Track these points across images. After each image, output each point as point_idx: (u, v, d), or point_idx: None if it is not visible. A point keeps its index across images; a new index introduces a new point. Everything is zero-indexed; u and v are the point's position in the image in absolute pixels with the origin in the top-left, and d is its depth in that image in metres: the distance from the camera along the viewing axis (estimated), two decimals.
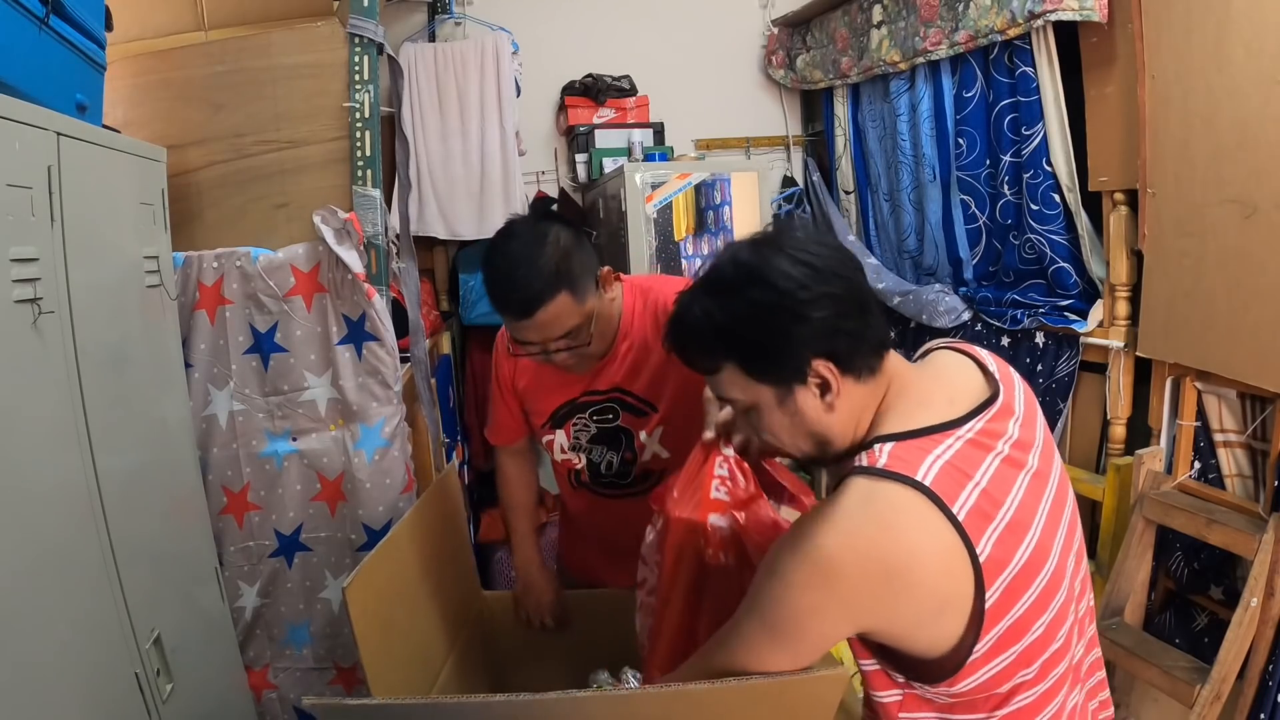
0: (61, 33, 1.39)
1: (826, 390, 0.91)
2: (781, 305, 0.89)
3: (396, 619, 1.35)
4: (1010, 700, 0.92)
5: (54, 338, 1.24)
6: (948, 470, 0.86)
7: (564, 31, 3.30)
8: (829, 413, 0.93)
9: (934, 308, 2.73)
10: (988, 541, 0.85)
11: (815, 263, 0.90)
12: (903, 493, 0.84)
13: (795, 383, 0.92)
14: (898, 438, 0.89)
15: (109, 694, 1.30)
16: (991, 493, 0.88)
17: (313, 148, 2.02)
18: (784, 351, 0.90)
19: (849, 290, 0.91)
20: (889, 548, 0.83)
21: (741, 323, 0.91)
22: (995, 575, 0.86)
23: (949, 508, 0.84)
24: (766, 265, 0.91)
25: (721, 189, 2.81)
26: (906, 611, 0.86)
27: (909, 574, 0.84)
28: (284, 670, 2.11)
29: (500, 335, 1.61)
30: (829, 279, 0.90)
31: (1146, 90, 1.98)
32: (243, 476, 2.01)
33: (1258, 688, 1.68)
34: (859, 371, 0.92)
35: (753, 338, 0.91)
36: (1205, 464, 1.97)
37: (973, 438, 0.90)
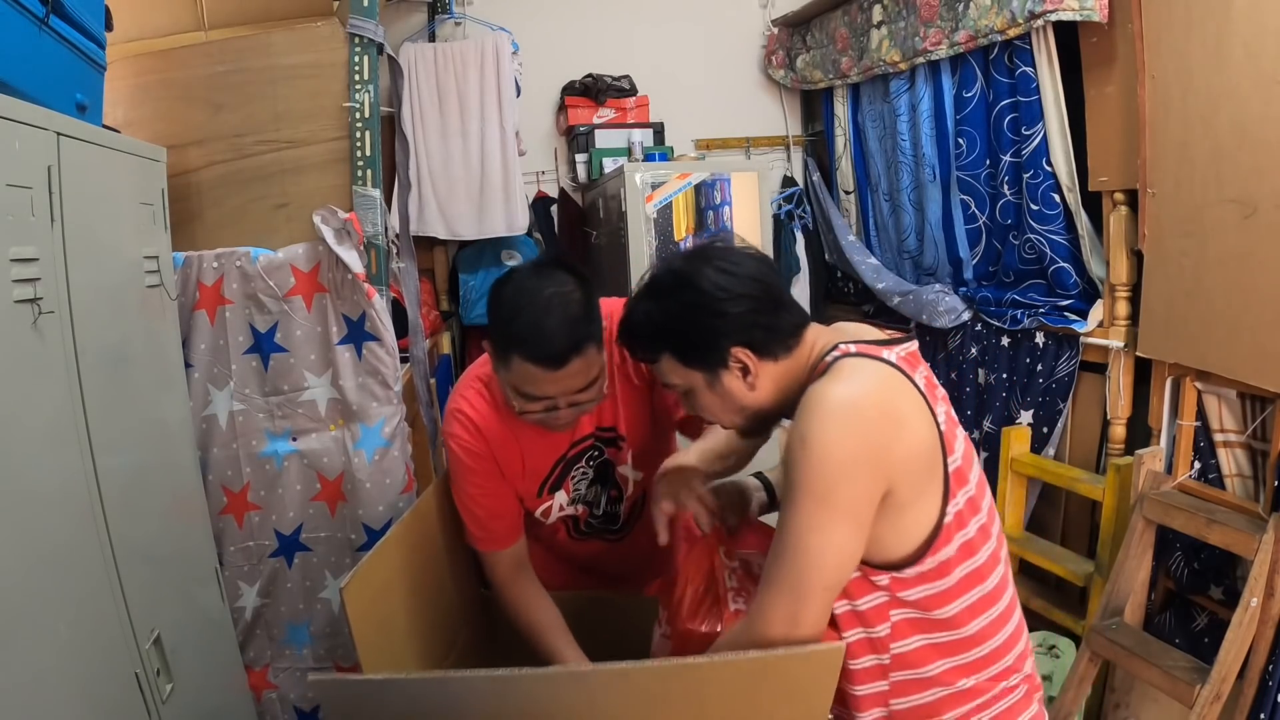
0: (61, 33, 1.39)
1: (747, 373, 1.10)
2: (705, 305, 1.09)
3: (395, 619, 1.35)
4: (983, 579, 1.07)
5: (54, 338, 1.24)
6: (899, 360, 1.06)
7: (564, 31, 3.30)
8: (752, 391, 1.12)
9: (934, 308, 2.73)
10: (940, 414, 1.05)
11: (735, 270, 1.11)
12: (878, 364, 1.04)
13: (719, 368, 1.11)
14: (847, 344, 1.08)
15: (109, 694, 1.30)
16: (928, 388, 1.07)
17: (313, 148, 2.02)
18: (708, 343, 1.10)
19: (764, 290, 1.11)
20: (891, 395, 1.02)
21: (674, 320, 1.12)
22: (951, 443, 1.05)
23: (911, 376, 1.04)
24: (696, 273, 1.11)
25: (721, 189, 2.81)
26: (910, 463, 1.01)
27: (908, 421, 1.01)
28: (284, 670, 2.11)
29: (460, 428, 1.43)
30: (746, 283, 1.10)
31: (1146, 90, 1.98)
32: (243, 476, 2.01)
33: (1258, 688, 1.68)
34: (775, 353, 1.11)
35: (683, 332, 1.12)
36: (1205, 464, 1.97)
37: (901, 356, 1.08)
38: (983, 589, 1.07)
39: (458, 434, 1.43)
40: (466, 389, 1.46)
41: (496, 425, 1.42)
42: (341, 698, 1.02)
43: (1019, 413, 2.45)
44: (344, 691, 1.02)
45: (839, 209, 3.33)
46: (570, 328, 1.25)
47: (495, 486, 1.45)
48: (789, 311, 1.12)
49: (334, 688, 1.02)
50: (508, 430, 1.42)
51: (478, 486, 1.44)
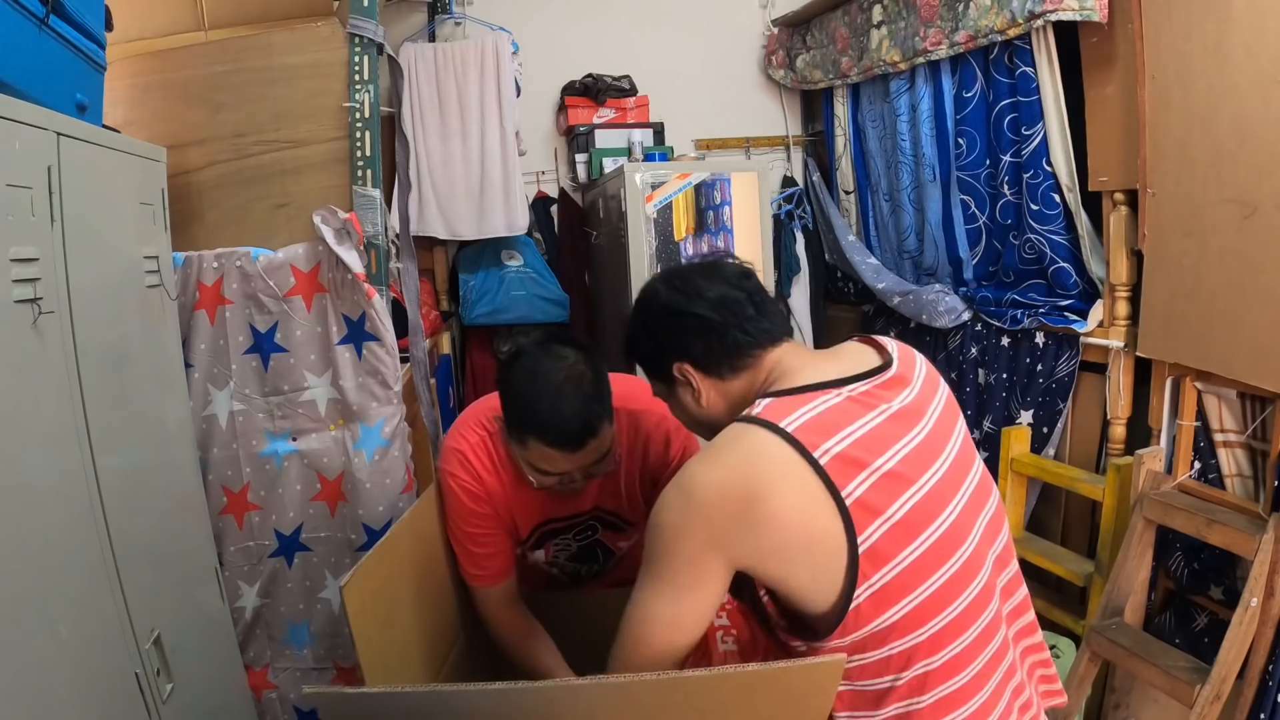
0: (61, 33, 1.39)
1: (691, 388, 1.13)
2: (653, 322, 1.16)
3: (395, 619, 1.35)
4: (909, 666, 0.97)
5: (54, 338, 1.24)
6: (817, 421, 0.98)
7: (564, 31, 3.30)
8: (701, 404, 1.14)
9: (934, 308, 2.73)
10: (858, 486, 0.95)
11: (687, 289, 1.13)
12: (767, 435, 0.97)
13: (670, 382, 1.16)
14: (775, 395, 1.04)
15: (109, 694, 1.30)
16: (867, 443, 0.97)
17: (313, 148, 2.02)
18: (655, 358, 1.16)
19: (716, 308, 1.11)
20: (747, 476, 0.95)
21: (633, 335, 1.20)
22: (869, 520, 0.94)
23: (810, 453, 0.95)
24: (654, 291, 1.17)
25: (721, 189, 2.81)
26: (770, 543, 0.95)
27: (766, 503, 0.93)
28: (284, 670, 2.11)
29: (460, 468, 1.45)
30: (697, 302, 1.11)
31: (1146, 90, 1.98)
32: (243, 476, 2.01)
33: (1258, 688, 1.68)
34: (722, 372, 1.11)
35: (638, 347, 1.19)
36: (1205, 464, 1.97)
37: (856, 396, 1.02)
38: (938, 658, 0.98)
39: (458, 474, 1.45)
40: (468, 430, 1.48)
41: (494, 473, 1.46)
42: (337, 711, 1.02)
43: (1019, 413, 2.45)
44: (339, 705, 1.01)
45: (839, 209, 3.33)
46: (585, 410, 1.29)
47: (491, 527, 1.48)
48: (742, 330, 1.11)
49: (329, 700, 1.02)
50: (503, 480, 1.46)
51: (475, 526, 1.47)
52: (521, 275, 3.06)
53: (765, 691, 0.97)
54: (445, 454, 1.49)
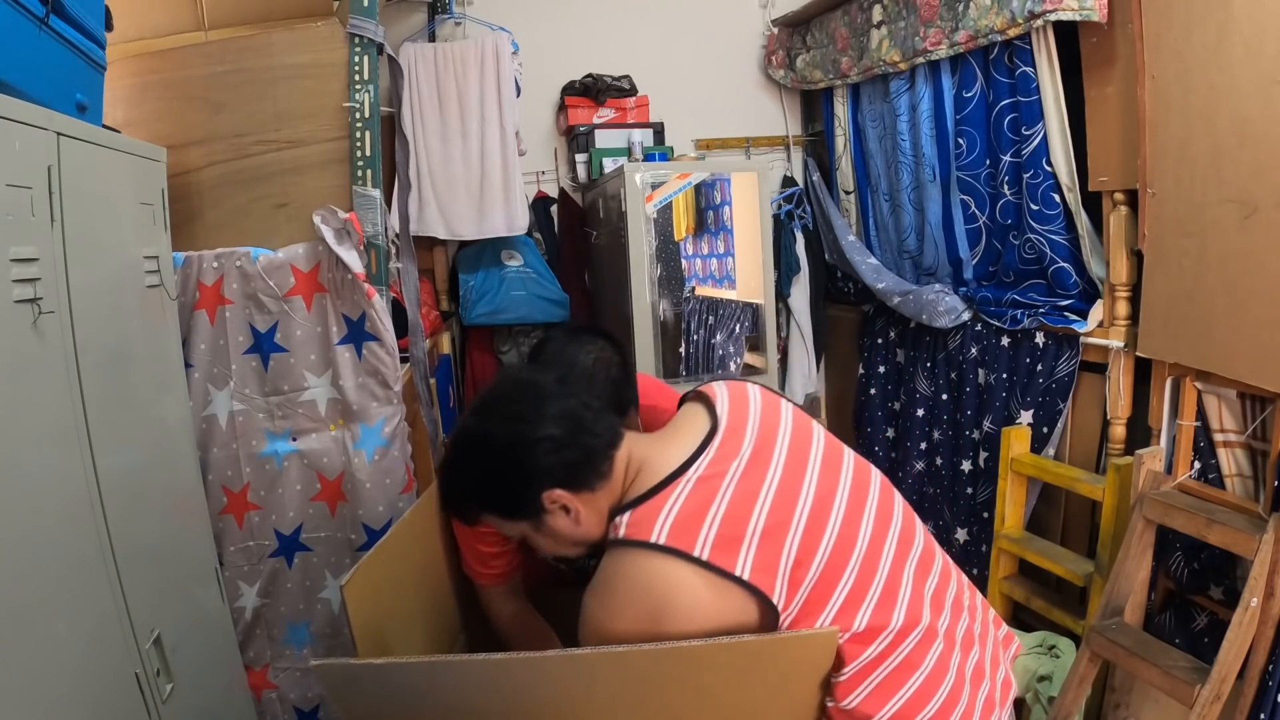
0: (61, 33, 1.39)
1: (568, 511, 1.09)
2: (503, 463, 1.09)
3: (396, 618, 1.35)
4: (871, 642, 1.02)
5: (54, 338, 1.24)
6: (680, 520, 1.00)
7: (564, 31, 3.29)
8: (579, 525, 1.10)
9: (934, 308, 2.73)
10: (745, 560, 0.98)
11: (527, 413, 1.09)
12: (644, 556, 0.99)
13: (537, 515, 1.10)
14: (634, 504, 1.04)
15: (109, 694, 1.30)
16: (732, 518, 1.00)
17: (313, 148, 2.02)
18: (520, 497, 1.10)
19: (561, 423, 1.08)
20: (648, 607, 0.98)
21: (479, 486, 1.12)
22: (770, 580, 0.99)
23: (689, 554, 0.97)
24: (485, 432, 1.11)
25: (721, 189, 2.81)
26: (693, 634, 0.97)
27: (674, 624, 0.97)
28: (284, 670, 2.11)
29: None
30: (540, 423, 1.08)
31: (1146, 90, 1.98)
32: (243, 476, 2.01)
33: (1258, 688, 1.68)
34: (591, 484, 1.09)
35: (492, 493, 1.11)
36: (1205, 464, 1.97)
37: (701, 475, 1.04)
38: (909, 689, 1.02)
39: None
40: None
41: None
42: (342, 682, 1.04)
43: (1019, 413, 2.45)
44: (345, 675, 1.03)
45: (839, 209, 3.33)
46: (616, 393, 1.30)
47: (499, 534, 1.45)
48: (593, 436, 1.10)
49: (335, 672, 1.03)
50: None
51: (474, 530, 1.45)
52: (521, 275, 3.06)
53: (762, 662, 0.99)
54: None
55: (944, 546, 3.08)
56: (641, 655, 0.97)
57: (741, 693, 1.01)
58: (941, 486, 2.82)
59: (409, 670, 1.03)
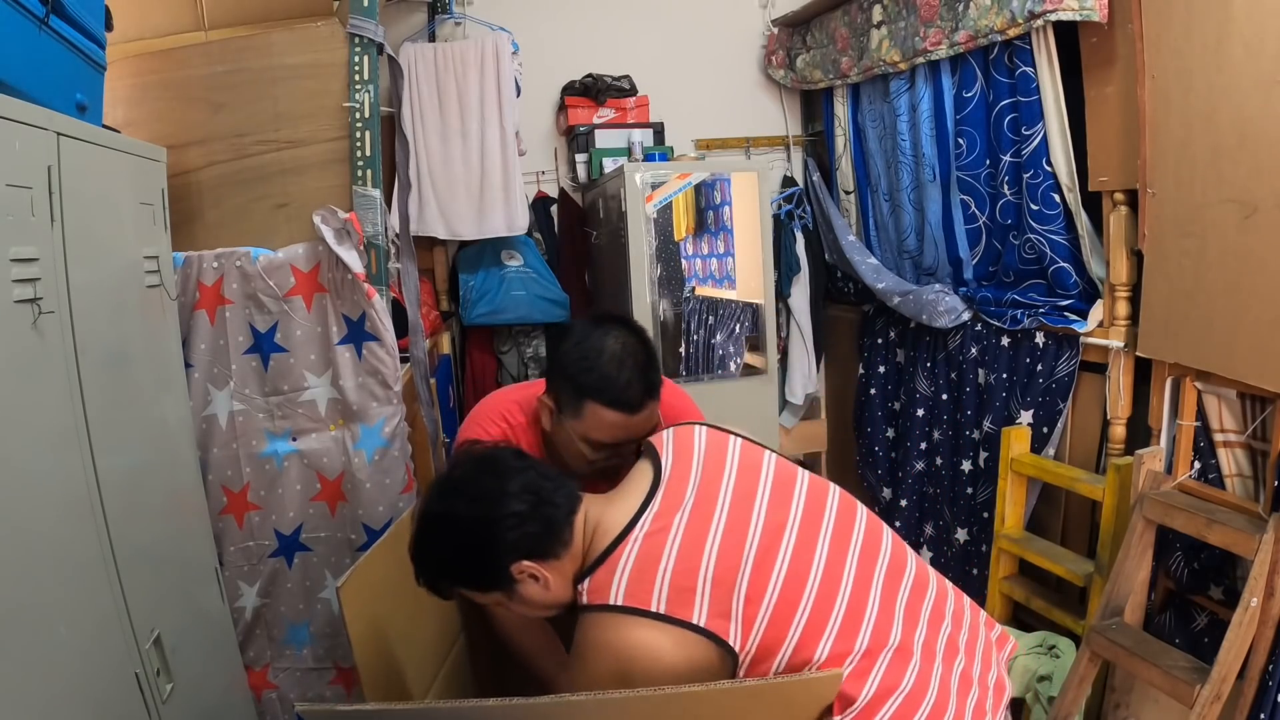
0: (61, 33, 1.39)
1: (537, 579, 1.12)
2: (471, 541, 1.11)
3: (393, 619, 1.35)
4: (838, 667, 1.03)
5: (54, 338, 1.24)
6: (634, 578, 1.05)
7: (564, 31, 3.29)
8: (548, 590, 1.13)
9: (934, 308, 2.73)
10: (701, 608, 1.03)
11: (485, 494, 1.12)
12: (608, 620, 1.05)
13: (509, 586, 1.13)
14: (591, 570, 1.10)
15: (109, 694, 1.30)
16: (681, 569, 1.05)
17: (313, 148, 2.02)
18: (490, 571, 1.12)
19: (523, 498, 1.11)
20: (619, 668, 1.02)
21: (450, 565, 1.15)
22: (725, 624, 1.03)
23: (647, 610, 1.03)
24: (448, 513, 1.14)
25: (721, 189, 2.81)
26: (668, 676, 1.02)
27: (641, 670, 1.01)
28: (284, 670, 2.11)
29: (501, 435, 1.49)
30: (503, 500, 1.11)
31: (1146, 90, 1.98)
32: (243, 476, 2.01)
33: (1258, 688, 1.68)
34: (556, 552, 1.12)
35: (460, 572, 1.15)
36: (1205, 464, 1.97)
37: (648, 531, 1.09)
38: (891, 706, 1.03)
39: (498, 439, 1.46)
40: (489, 424, 1.50)
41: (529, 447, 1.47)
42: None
43: (1019, 413, 2.45)
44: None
45: (839, 209, 3.33)
46: (643, 375, 1.32)
47: None
48: (553, 504, 1.13)
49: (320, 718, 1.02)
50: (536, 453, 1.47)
51: None
52: (521, 275, 3.06)
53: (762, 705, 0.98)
54: (483, 417, 1.51)
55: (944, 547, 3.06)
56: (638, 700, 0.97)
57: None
58: (941, 487, 2.82)
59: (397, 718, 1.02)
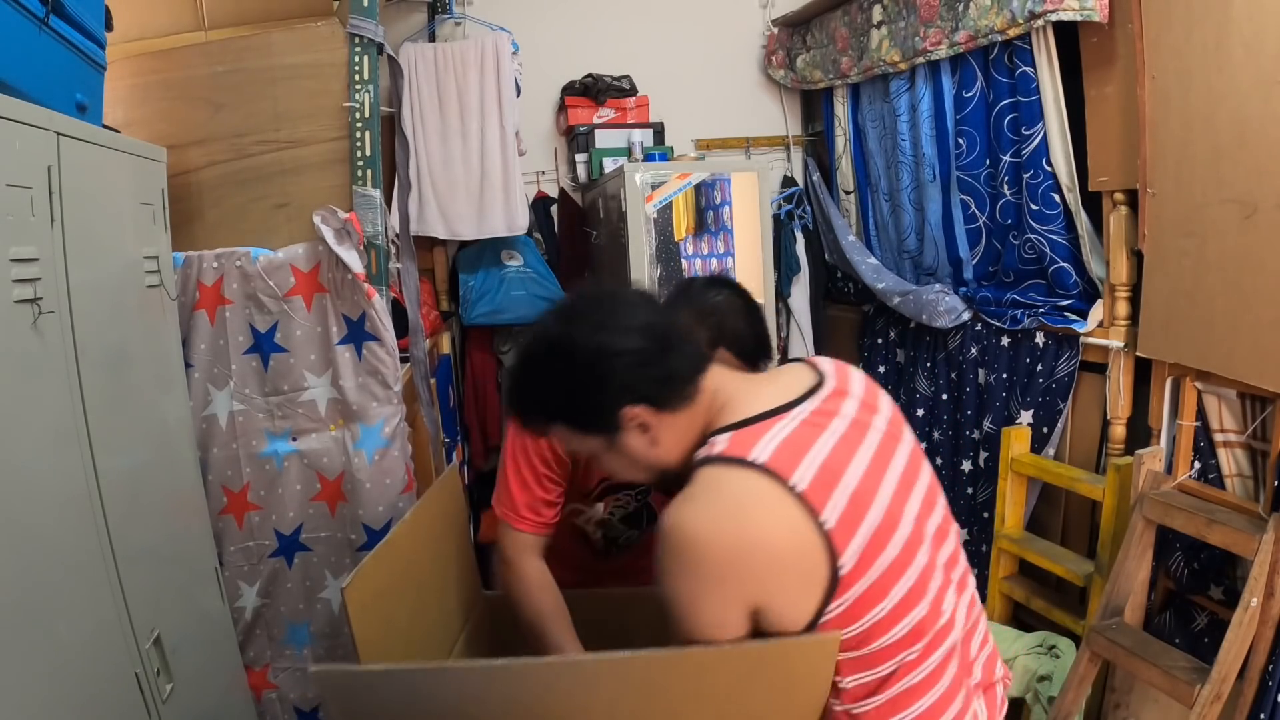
0: (61, 33, 1.39)
1: (646, 429, 1.03)
2: (584, 369, 1.01)
3: (396, 620, 1.35)
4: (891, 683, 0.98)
5: (54, 338, 1.24)
6: (783, 448, 0.95)
7: (564, 31, 3.30)
8: (655, 446, 1.04)
9: (934, 308, 2.73)
10: (833, 510, 0.93)
11: (611, 322, 1.02)
12: (744, 475, 0.93)
13: (612, 432, 1.03)
14: (732, 428, 0.99)
15: (109, 694, 1.30)
16: (831, 465, 0.95)
17: (313, 148, 2.02)
18: (596, 410, 1.02)
19: (648, 337, 1.02)
20: (742, 524, 0.92)
21: (554, 393, 1.04)
22: (845, 541, 0.93)
23: (786, 481, 0.92)
24: (567, 337, 1.03)
25: (721, 189, 2.81)
26: (772, 584, 0.93)
27: (764, 548, 0.92)
28: (284, 670, 2.11)
29: None
30: (625, 334, 1.01)
31: (1146, 90, 1.98)
32: (243, 476, 2.01)
33: (1258, 688, 1.68)
34: (673, 405, 1.03)
35: (567, 403, 1.04)
36: (1205, 464, 1.97)
37: (806, 418, 1.00)
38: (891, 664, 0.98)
39: None
40: None
41: None
42: (341, 688, 1.03)
43: (1019, 413, 2.45)
44: (344, 682, 1.03)
45: (839, 209, 3.33)
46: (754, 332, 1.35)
47: (559, 474, 1.44)
48: (681, 356, 1.04)
49: (334, 678, 1.03)
50: None
51: (547, 468, 1.42)
52: (521, 275, 3.06)
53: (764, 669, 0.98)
54: None
55: None
56: (642, 660, 0.97)
57: (744, 700, 1.00)
58: (941, 486, 2.82)
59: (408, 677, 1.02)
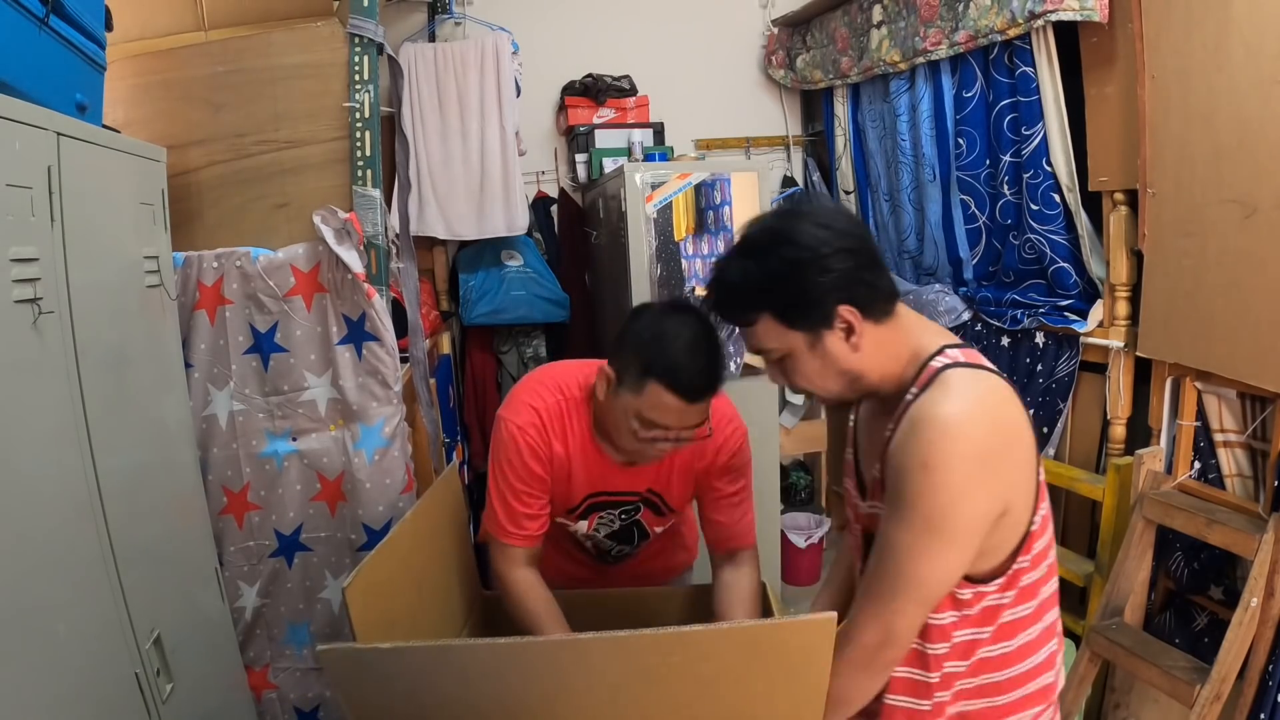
0: (61, 33, 1.39)
1: (851, 333, 1.03)
2: (808, 260, 1.01)
3: (397, 620, 1.35)
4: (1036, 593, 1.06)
5: (54, 338, 1.24)
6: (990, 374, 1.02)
7: (564, 31, 3.30)
8: (855, 352, 1.04)
9: (934, 308, 2.73)
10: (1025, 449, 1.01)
11: (834, 224, 1.03)
12: (990, 378, 1.00)
13: (823, 328, 1.03)
14: (953, 346, 1.04)
15: (109, 694, 1.30)
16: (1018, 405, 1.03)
17: (313, 148, 2.02)
18: (812, 300, 1.02)
19: (863, 246, 1.04)
20: (1006, 414, 0.98)
21: (774, 278, 1.03)
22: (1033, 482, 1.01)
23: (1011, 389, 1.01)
24: (793, 228, 1.03)
25: (721, 189, 2.81)
26: (1025, 480, 1.00)
27: (1024, 441, 0.99)
28: (284, 670, 2.11)
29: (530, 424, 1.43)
30: (845, 237, 1.02)
31: (1146, 90, 1.98)
32: (243, 476, 2.01)
33: (1258, 688, 1.68)
34: (877, 315, 1.04)
35: (784, 290, 1.03)
36: (1205, 464, 1.97)
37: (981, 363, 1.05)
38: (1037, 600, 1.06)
39: (527, 431, 1.42)
40: (546, 392, 1.46)
41: (564, 440, 1.44)
42: (348, 668, 1.04)
43: None
44: (351, 661, 1.04)
45: None
46: (713, 363, 1.31)
47: (540, 490, 1.46)
48: (886, 273, 1.07)
49: (341, 657, 1.03)
50: (570, 450, 1.45)
51: (526, 485, 1.44)
52: (521, 275, 3.06)
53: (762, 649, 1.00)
54: (516, 406, 1.44)
55: None
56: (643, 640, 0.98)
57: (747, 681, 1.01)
58: None
59: (415, 655, 1.03)
